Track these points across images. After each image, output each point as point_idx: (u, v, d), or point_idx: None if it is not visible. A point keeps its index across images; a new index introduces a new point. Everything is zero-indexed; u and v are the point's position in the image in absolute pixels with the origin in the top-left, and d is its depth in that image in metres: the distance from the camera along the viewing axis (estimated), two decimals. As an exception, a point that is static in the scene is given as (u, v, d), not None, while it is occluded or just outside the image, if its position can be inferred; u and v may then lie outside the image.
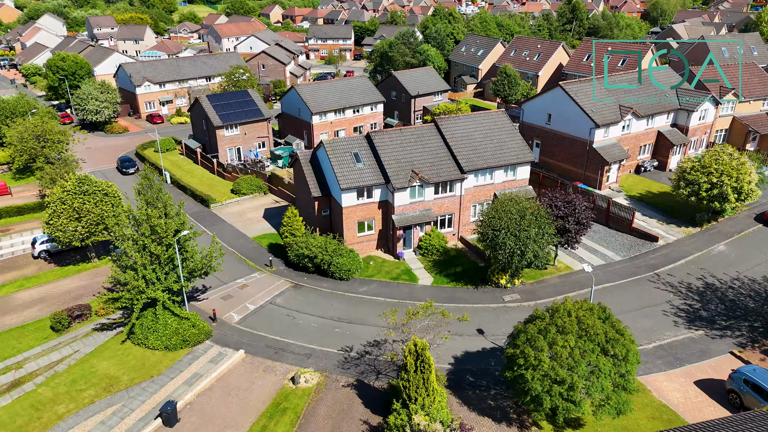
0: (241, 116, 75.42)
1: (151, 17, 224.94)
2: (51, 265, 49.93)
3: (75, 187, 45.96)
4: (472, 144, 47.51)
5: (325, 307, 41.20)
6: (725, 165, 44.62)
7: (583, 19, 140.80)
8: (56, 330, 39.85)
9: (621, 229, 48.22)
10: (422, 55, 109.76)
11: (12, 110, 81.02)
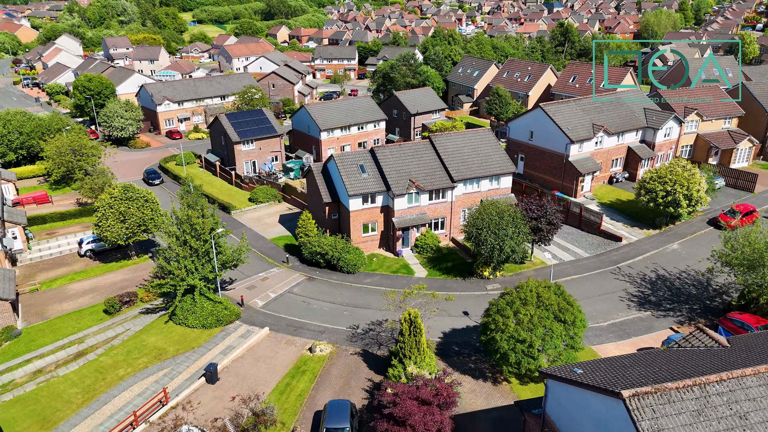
0: (256, 132, 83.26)
1: (163, 37, 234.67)
2: (96, 262, 57.42)
3: (121, 194, 53.57)
4: (462, 157, 55.12)
5: (335, 295, 48.56)
6: (678, 176, 52.08)
7: (575, 41, 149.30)
8: (109, 313, 47.25)
9: (591, 231, 55.60)
10: (422, 75, 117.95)
11: (47, 127, 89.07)
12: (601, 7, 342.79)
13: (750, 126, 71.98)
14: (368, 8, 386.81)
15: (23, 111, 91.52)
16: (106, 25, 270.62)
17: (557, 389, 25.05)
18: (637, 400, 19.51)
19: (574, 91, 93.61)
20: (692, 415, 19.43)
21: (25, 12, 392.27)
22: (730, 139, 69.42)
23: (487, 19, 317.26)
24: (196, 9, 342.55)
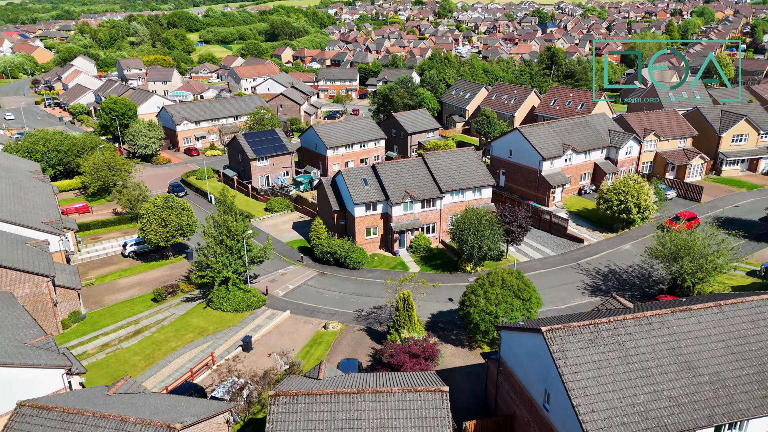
0: (270, 150, 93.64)
1: (173, 58, 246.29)
2: (138, 261, 67.41)
3: (162, 203, 63.68)
4: (449, 172, 65.38)
5: (343, 286, 58.52)
6: (630, 188, 62.28)
7: (561, 64, 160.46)
8: (156, 301, 57.17)
9: (559, 234, 65.68)
10: (418, 97, 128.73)
11: (82, 146, 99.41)
12: (593, 28, 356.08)
13: (703, 145, 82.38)
14: (368, 28, 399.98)
15: (60, 131, 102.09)
16: (118, 46, 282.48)
17: (506, 337, 35.01)
18: (551, 333, 29.47)
19: (554, 113, 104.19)
20: (587, 342, 29.39)
21: (36, 32, 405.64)
22: (684, 156, 79.77)
23: (483, 39, 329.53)
24: (203, 30, 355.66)
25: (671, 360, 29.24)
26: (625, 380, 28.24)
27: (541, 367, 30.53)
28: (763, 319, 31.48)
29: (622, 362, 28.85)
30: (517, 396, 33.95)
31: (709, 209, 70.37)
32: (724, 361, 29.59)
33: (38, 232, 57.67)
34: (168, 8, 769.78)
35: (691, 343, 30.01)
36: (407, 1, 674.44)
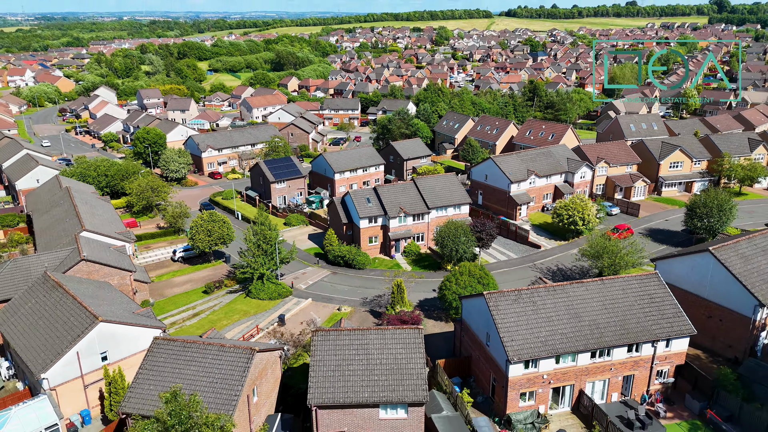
0: (286, 174, 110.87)
1: (187, 87, 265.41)
2: (185, 265, 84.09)
3: (208, 217, 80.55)
4: (435, 192, 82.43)
5: (351, 282, 75.18)
6: (576, 205, 79.30)
7: (542, 96, 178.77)
8: (207, 292, 73.78)
9: (522, 242, 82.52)
10: (413, 127, 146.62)
11: (125, 171, 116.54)
12: (580, 57, 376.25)
13: (646, 170, 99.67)
14: (368, 57, 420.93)
15: (107, 159, 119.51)
16: (135, 76, 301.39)
17: (465, 303, 51.65)
18: (488, 296, 46.15)
19: (529, 142, 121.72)
20: (512, 301, 46.04)
21: (53, 60, 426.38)
22: (630, 179, 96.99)
23: (477, 68, 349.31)
24: (212, 59, 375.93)
25: (565, 312, 45.94)
26: (534, 324, 44.91)
27: (484, 319, 47.11)
28: (629, 289, 48.19)
29: (533, 313, 45.53)
30: (472, 342, 50.55)
31: (644, 222, 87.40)
32: (599, 314, 46.29)
33: (115, 240, 74.59)
34: (174, 35, 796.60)
35: (579, 302, 46.72)
36: (405, 28, 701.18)
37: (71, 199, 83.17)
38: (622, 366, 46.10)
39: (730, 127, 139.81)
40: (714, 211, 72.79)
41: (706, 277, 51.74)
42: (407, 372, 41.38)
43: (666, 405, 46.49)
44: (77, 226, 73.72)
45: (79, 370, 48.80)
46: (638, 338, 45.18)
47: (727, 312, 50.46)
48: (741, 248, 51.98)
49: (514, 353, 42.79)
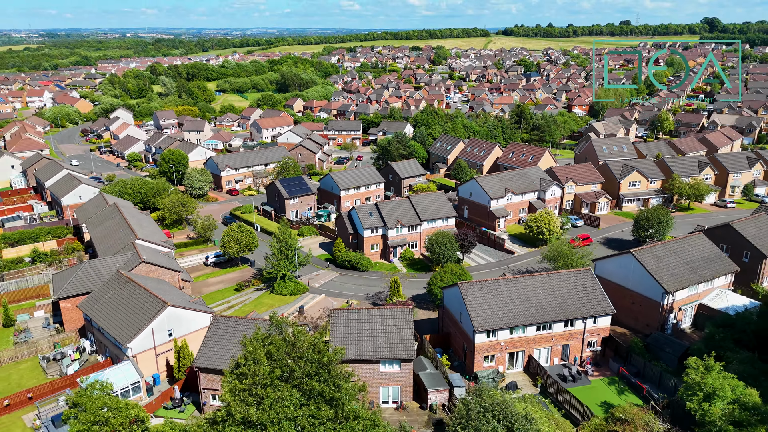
0: (299, 191, 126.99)
1: (198, 108, 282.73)
2: (216, 269, 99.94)
3: (237, 228, 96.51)
4: (426, 207, 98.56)
5: (356, 281, 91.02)
6: (543, 218, 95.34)
7: (528, 119, 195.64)
8: (238, 290, 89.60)
9: (499, 248, 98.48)
10: (410, 148, 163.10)
11: (157, 188, 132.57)
12: (571, 78, 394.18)
13: (609, 188, 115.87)
14: (369, 77, 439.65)
15: (140, 178, 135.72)
16: (148, 97, 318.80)
17: (446, 292, 67.49)
18: (461, 285, 62.08)
19: (512, 162, 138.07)
20: (478, 289, 61.95)
21: (66, 81, 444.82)
22: (594, 196, 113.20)
23: (472, 88, 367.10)
24: (220, 80, 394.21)
25: (518, 296, 61.81)
26: (494, 305, 60.76)
27: (458, 302, 62.88)
28: (567, 280, 64.05)
29: (494, 297, 61.40)
30: (450, 321, 66.39)
31: (603, 232, 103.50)
32: (544, 298, 62.15)
33: (161, 247, 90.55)
34: (179, 53, 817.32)
35: (529, 290, 62.57)
36: (405, 47, 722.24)
37: (121, 213, 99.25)
38: (561, 337, 61.92)
39: (694, 148, 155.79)
40: (654, 223, 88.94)
41: (629, 272, 67.71)
42: (400, 338, 57.21)
43: (594, 367, 62.25)
44: (131, 235, 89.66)
45: (153, 342, 64.53)
46: (572, 316, 61.05)
47: (644, 298, 66.40)
48: (656, 250, 68.03)
49: (478, 325, 58.63)
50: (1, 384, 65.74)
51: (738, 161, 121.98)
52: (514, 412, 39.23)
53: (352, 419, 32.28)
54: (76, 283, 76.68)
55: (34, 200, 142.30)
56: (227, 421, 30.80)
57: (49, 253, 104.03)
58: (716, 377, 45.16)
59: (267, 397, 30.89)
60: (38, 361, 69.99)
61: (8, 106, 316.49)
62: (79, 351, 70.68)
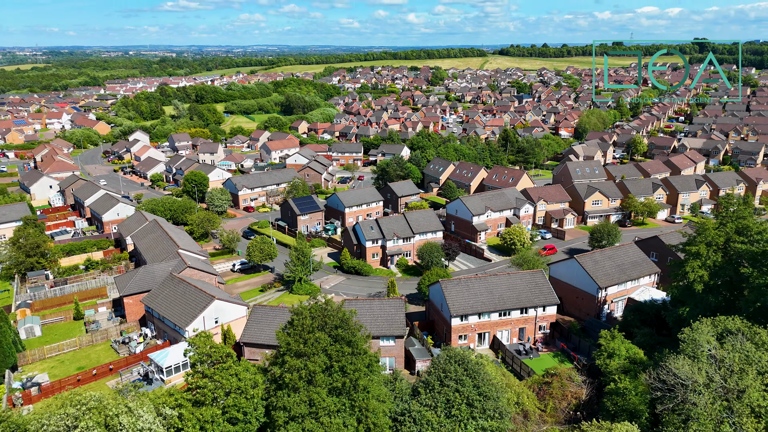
0: (309, 209, 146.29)
1: (210, 130, 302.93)
2: (242, 274, 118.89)
3: (260, 240, 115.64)
4: (418, 222, 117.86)
5: (360, 283, 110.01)
6: (515, 231, 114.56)
7: (514, 142, 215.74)
8: (263, 291, 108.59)
9: (479, 257, 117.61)
10: (406, 170, 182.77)
11: (184, 206, 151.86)
12: (561, 100, 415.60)
13: (575, 206, 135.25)
14: (369, 98, 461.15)
15: (169, 197, 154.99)
16: (162, 119, 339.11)
17: (431, 288, 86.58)
18: (443, 282, 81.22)
19: (495, 183, 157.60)
20: (455, 285, 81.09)
21: (80, 102, 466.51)
22: (562, 213, 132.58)
23: (467, 110, 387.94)
24: (227, 102, 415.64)
25: (485, 290, 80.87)
26: (466, 296, 79.82)
27: (440, 295, 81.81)
28: (524, 278, 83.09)
29: (466, 291, 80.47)
30: (434, 311, 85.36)
31: (568, 244, 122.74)
32: (504, 291, 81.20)
33: (198, 255, 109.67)
34: (184, 73, 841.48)
35: (493, 285, 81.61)
36: (404, 67, 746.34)
37: (161, 228, 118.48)
38: (518, 321, 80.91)
39: (659, 170, 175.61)
40: (605, 235, 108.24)
41: (574, 273, 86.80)
42: (394, 321, 76.23)
43: (543, 345, 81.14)
44: (174, 246, 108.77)
45: (204, 327, 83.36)
46: (526, 305, 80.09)
47: (585, 293, 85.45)
48: (594, 256, 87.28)
49: (454, 311, 77.65)
50: (85, 361, 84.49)
51: (687, 183, 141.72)
52: (470, 360, 57.99)
53: (363, 354, 51.03)
54: (136, 284, 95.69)
55: (74, 216, 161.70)
56: (286, 354, 49.51)
57: (99, 261, 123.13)
58: (617, 343, 64.11)
59: (309, 339, 49.64)
60: (110, 344, 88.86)
61: (30, 127, 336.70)
62: (143, 336, 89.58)
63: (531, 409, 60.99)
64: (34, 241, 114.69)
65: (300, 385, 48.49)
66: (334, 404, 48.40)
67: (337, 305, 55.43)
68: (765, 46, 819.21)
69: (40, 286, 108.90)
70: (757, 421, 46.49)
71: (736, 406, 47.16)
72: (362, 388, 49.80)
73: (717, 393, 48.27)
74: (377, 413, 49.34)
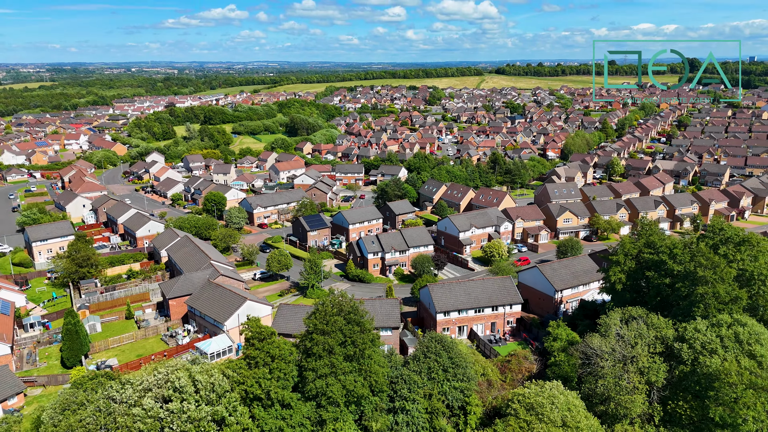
0: (317, 226, 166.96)
1: (221, 152, 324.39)
2: (262, 282, 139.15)
3: (278, 253, 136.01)
4: (412, 237, 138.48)
5: (363, 289, 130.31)
6: (494, 245, 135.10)
7: (501, 165, 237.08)
8: (281, 295, 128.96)
9: (464, 267, 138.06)
10: (403, 190, 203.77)
11: (207, 223, 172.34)
12: (551, 121, 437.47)
13: (549, 223, 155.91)
14: (369, 118, 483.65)
15: (193, 215, 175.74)
16: (174, 140, 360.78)
17: (422, 290, 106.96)
18: (430, 285, 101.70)
19: (482, 203, 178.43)
20: (440, 287, 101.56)
21: (94, 123, 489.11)
22: (537, 229, 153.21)
23: (462, 131, 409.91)
24: (235, 123, 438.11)
25: (463, 292, 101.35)
26: (449, 296, 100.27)
27: (428, 296, 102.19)
28: (495, 283, 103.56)
29: (449, 292, 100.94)
30: (424, 310, 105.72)
31: (540, 256, 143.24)
32: (479, 293, 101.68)
33: (226, 265, 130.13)
34: (188, 91, 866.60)
35: (471, 287, 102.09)
36: (402, 87, 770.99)
37: (193, 242, 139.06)
38: (490, 317, 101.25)
39: (629, 191, 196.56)
40: (569, 249, 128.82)
41: (537, 278, 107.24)
42: (391, 315, 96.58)
43: (510, 336, 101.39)
44: (206, 258, 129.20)
45: (238, 323, 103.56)
46: (496, 303, 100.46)
47: (545, 295, 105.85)
48: (553, 265, 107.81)
49: (439, 308, 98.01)
50: (141, 350, 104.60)
51: (646, 203, 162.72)
52: (446, 340, 78.15)
53: (368, 332, 71.23)
54: (178, 289, 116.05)
55: (107, 233, 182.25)
56: (313, 332, 69.74)
57: (138, 271, 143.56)
58: (560, 330, 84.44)
59: (329, 321, 69.83)
60: (160, 337, 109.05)
61: (50, 148, 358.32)
62: (187, 331, 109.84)
63: (494, 378, 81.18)
64: (85, 254, 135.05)
65: (323, 353, 68.87)
66: (348, 367, 68.72)
67: (349, 297, 75.87)
68: (754, 66, 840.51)
69: (93, 292, 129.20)
70: (642, 378, 66.72)
71: (629, 368, 67.50)
72: (368, 356, 70.17)
73: (617, 358, 68.62)
74: (378, 374, 69.64)
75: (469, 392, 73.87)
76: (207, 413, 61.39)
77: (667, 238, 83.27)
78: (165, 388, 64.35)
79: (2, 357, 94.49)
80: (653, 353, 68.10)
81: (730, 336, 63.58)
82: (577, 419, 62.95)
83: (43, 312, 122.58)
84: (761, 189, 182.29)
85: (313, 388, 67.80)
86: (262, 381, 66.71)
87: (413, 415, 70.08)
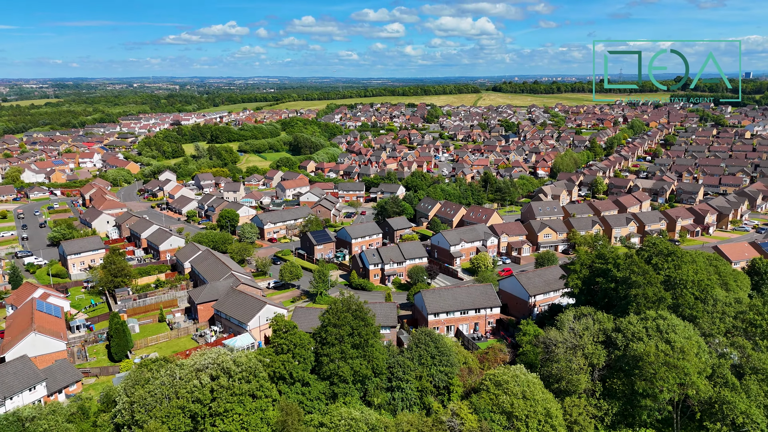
0: (323, 240, 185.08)
1: (229, 170, 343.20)
2: (275, 290, 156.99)
3: (290, 264, 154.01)
4: (409, 250, 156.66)
5: (365, 296, 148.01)
6: (481, 258, 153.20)
7: (493, 183, 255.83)
8: (293, 302, 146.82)
9: (454, 276, 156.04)
10: (401, 207, 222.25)
11: (223, 239, 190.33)
12: (544, 139, 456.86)
13: (531, 238, 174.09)
14: (369, 137, 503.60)
15: (210, 231, 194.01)
16: (184, 159, 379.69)
17: (416, 296, 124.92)
18: (423, 291, 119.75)
19: (472, 219, 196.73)
20: (431, 293, 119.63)
21: (104, 141, 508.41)
22: (520, 244, 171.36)
23: (458, 149, 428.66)
24: (240, 141, 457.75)
25: (451, 297, 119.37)
26: (439, 300, 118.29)
27: (421, 300, 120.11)
28: (478, 289, 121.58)
29: (439, 297, 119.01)
30: (417, 312, 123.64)
31: (522, 267, 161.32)
32: (464, 297, 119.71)
33: (245, 275, 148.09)
34: (192, 108, 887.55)
35: (458, 293, 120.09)
36: (401, 104, 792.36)
37: (214, 255, 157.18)
38: (473, 318, 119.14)
39: (608, 208, 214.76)
40: (546, 261, 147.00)
41: (514, 286, 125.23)
42: (389, 316, 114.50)
43: (491, 334, 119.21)
44: (226, 268, 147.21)
45: (259, 324, 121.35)
46: (478, 306, 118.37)
47: (521, 300, 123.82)
48: (528, 274, 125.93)
49: (430, 310, 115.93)
50: (176, 347, 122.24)
51: (619, 220, 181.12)
52: (433, 333, 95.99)
53: (371, 326, 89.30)
54: (205, 295, 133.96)
55: (131, 247, 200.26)
56: (327, 326, 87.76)
57: (165, 281, 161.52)
58: (529, 327, 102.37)
59: (340, 317, 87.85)
60: (191, 336, 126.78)
61: (65, 167, 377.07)
62: (214, 331, 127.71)
63: (474, 366, 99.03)
64: (119, 266, 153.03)
65: (335, 342, 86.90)
66: (355, 353, 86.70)
67: (356, 298, 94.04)
68: (745, 84, 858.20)
69: (127, 299, 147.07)
70: (587, 361, 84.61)
71: (577, 353, 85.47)
72: (371, 345, 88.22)
73: (568, 346, 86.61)
74: (379, 359, 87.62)
75: (452, 375, 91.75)
76: (245, 389, 79.26)
77: (614, 251, 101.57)
78: (212, 368, 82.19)
79: (61, 352, 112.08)
80: (596, 342, 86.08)
81: (653, 327, 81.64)
82: (534, 393, 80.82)
83: (85, 316, 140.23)
84: (725, 207, 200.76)
85: (327, 369, 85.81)
86: (287, 364, 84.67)
87: (407, 392, 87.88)
